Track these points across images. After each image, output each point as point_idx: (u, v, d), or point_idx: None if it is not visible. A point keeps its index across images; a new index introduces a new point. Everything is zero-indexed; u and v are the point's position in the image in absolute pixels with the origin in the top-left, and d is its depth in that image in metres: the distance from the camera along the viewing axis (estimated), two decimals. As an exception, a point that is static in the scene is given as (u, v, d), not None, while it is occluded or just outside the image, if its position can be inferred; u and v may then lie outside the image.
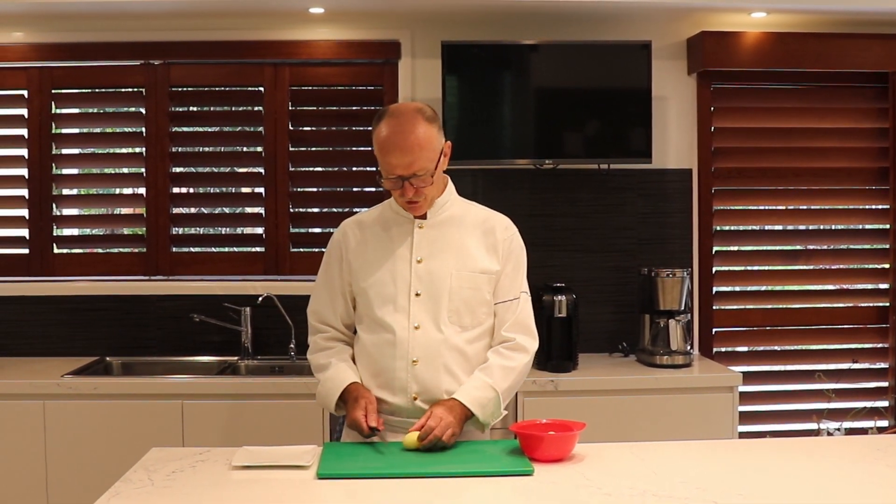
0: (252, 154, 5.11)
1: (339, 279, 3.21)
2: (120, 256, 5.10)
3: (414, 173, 2.99)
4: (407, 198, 3.04)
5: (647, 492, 2.50)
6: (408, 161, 2.98)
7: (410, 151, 2.97)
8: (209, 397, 4.29)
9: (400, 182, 3.01)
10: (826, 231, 5.28)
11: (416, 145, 2.98)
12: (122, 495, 2.49)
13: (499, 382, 3.07)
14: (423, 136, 3.00)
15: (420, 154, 2.98)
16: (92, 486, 2.93)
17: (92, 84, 5.04)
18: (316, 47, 4.97)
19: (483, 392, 3.03)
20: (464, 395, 3.01)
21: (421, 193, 3.05)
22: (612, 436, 3.68)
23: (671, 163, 5.05)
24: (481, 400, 3.02)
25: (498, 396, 3.06)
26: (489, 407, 3.03)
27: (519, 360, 3.15)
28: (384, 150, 3.00)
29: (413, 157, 2.98)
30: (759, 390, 5.17)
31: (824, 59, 4.96)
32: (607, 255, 5.05)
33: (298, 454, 2.84)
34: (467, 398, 3.00)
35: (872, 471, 2.72)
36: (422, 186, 3.03)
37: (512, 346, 3.15)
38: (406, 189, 3.01)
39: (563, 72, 4.82)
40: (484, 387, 3.04)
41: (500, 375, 3.08)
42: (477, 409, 3.00)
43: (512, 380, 3.12)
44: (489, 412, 3.04)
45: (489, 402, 3.03)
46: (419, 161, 2.98)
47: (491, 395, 3.04)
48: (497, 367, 3.09)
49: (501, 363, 3.11)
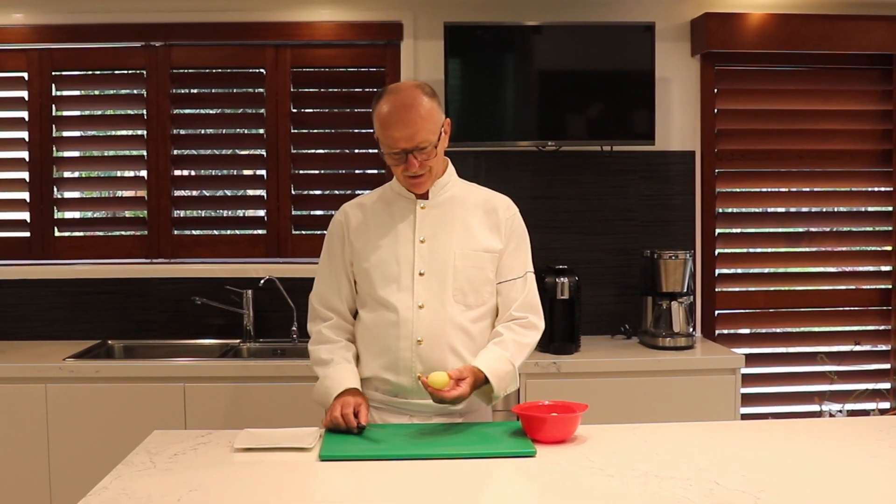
0: (254, 136, 5.10)
1: (342, 261, 3.20)
2: (121, 239, 5.10)
3: (417, 145, 2.99)
4: (412, 171, 3.03)
5: (649, 473, 2.50)
6: (411, 133, 2.98)
7: (413, 123, 2.98)
8: (211, 380, 4.28)
9: (404, 156, 3.01)
10: (829, 213, 5.26)
11: (419, 117, 2.98)
12: (124, 477, 2.49)
13: (514, 357, 3.07)
14: (425, 109, 3.00)
15: (423, 126, 2.99)
16: (94, 468, 2.92)
17: (92, 66, 5.03)
18: (318, 28, 4.95)
19: (502, 364, 3.02)
20: (485, 364, 2.99)
21: (425, 167, 3.04)
22: (614, 417, 3.68)
23: (674, 145, 5.04)
24: (499, 372, 3.01)
25: (514, 370, 3.06)
26: (506, 380, 3.03)
27: (531, 337, 3.16)
28: (386, 124, 3.00)
29: (416, 128, 2.98)
30: (762, 372, 5.16)
31: (828, 41, 4.94)
32: (610, 237, 5.04)
33: (300, 436, 2.84)
34: (488, 368, 2.98)
35: (874, 452, 2.72)
36: (425, 160, 3.03)
37: (524, 324, 3.15)
38: (410, 163, 3.01)
39: (566, 53, 4.80)
40: (502, 359, 3.04)
41: (515, 350, 3.09)
42: (495, 381, 2.98)
43: (524, 356, 3.12)
44: (504, 385, 3.02)
45: (506, 375, 3.03)
46: (422, 132, 2.98)
47: (508, 369, 3.04)
48: (511, 342, 3.09)
49: (515, 338, 3.11)
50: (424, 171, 3.06)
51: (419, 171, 3.04)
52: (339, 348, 3.18)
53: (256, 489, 2.43)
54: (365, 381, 3.16)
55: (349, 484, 2.54)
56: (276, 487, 2.44)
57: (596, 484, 2.44)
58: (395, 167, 3.07)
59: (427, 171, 3.07)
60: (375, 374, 3.13)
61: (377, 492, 2.46)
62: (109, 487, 2.40)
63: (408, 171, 3.03)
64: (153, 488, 2.40)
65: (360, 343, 3.21)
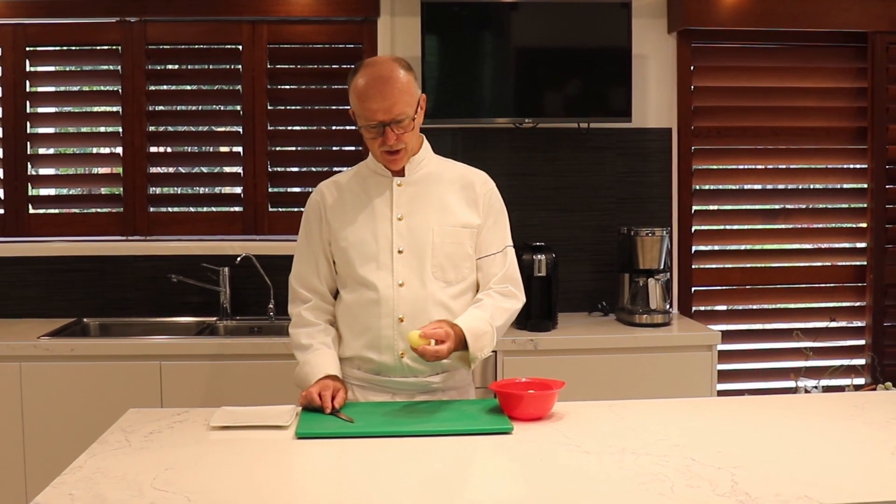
0: (230, 113, 5.07)
1: (320, 240, 3.19)
2: (97, 216, 5.06)
3: (394, 118, 2.98)
4: (388, 145, 3.02)
5: (625, 449, 2.51)
6: (388, 105, 2.97)
7: (390, 95, 2.97)
8: (187, 358, 4.27)
9: (381, 129, 3.00)
10: (805, 190, 5.28)
11: (396, 90, 2.98)
12: (98, 456, 2.48)
13: (494, 319, 3.07)
14: (402, 82, 3.00)
15: (400, 98, 2.98)
16: (69, 447, 2.91)
17: (67, 41, 4.98)
18: (294, 4, 4.91)
19: (480, 324, 3.02)
20: (464, 323, 2.99)
21: (402, 141, 3.03)
22: (591, 394, 3.69)
23: (651, 122, 5.04)
24: (477, 331, 3.00)
25: (493, 332, 3.05)
26: (483, 340, 3.01)
27: (511, 304, 3.17)
28: (363, 97, 2.99)
29: (393, 100, 2.97)
30: (738, 349, 5.19)
31: (804, 19, 4.95)
32: (587, 214, 5.05)
33: (277, 414, 2.84)
34: (467, 327, 2.97)
35: (849, 427, 2.74)
36: (402, 133, 3.02)
37: (504, 292, 3.16)
38: (388, 135, 3.00)
39: (543, 30, 4.79)
40: (482, 320, 3.03)
41: (494, 312, 3.09)
42: (472, 340, 2.97)
43: (503, 321, 3.12)
44: (480, 346, 3.01)
45: (483, 336, 3.02)
46: (399, 105, 2.98)
47: (486, 329, 3.03)
48: (492, 306, 3.09)
49: (496, 303, 3.11)
50: (401, 147, 3.05)
51: (396, 145, 3.03)
52: (318, 332, 3.17)
53: (232, 467, 2.43)
54: (347, 360, 3.16)
55: (326, 461, 2.54)
56: (253, 465, 2.44)
57: (572, 461, 2.44)
58: (372, 141, 3.06)
59: (403, 147, 3.06)
60: (357, 354, 3.13)
61: (354, 469, 2.46)
62: (84, 466, 2.39)
63: (385, 144, 3.02)
64: (128, 467, 2.39)
65: (341, 323, 3.20)
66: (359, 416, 2.84)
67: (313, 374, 3.05)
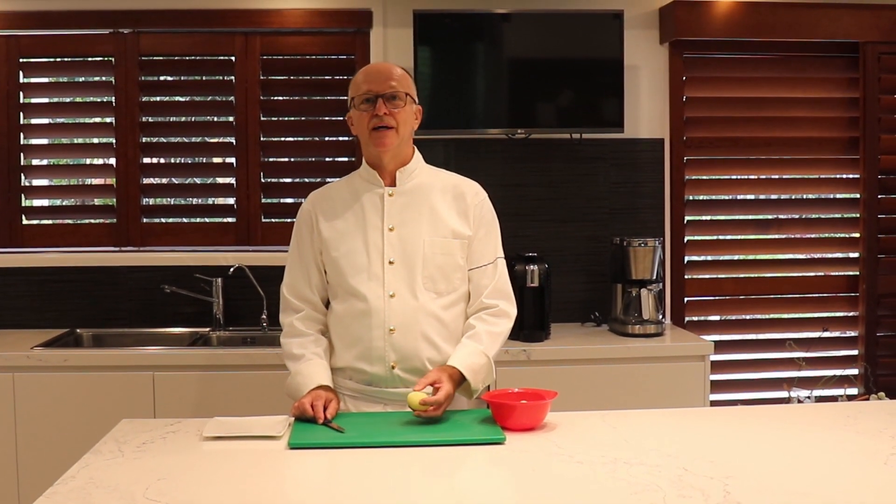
0: (223, 124, 5.08)
1: (311, 250, 3.19)
2: (90, 227, 5.06)
3: (389, 91, 3.05)
4: (380, 112, 3.04)
5: (618, 460, 2.51)
6: (383, 79, 3.07)
7: (388, 74, 3.08)
8: (180, 369, 4.26)
9: (374, 101, 3.04)
10: (797, 200, 5.29)
11: (395, 73, 3.10)
12: (91, 467, 2.47)
13: (489, 349, 3.08)
14: (401, 72, 3.13)
15: (398, 79, 3.09)
16: (62, 458, 2.91)
17: (60, 53, 4.99)
18: (287, 16, 4.93)
19: (477, 359, 3.03)
20: (459, 361, 3.00)
21: (392, 118, 3.05)
22: (584, 405, 3.69)
23: (643, 132, 5.05)
24: (474, 367, 3.02)
25: (490, 363, 3.07)
26: (481, 373, 3.04)
27: (503, 326, 3.17)
28: (364, 73, 3.12)
29: (390, 77, 3.08)
30: (731, 359, 5.20)
31: (796, 29, 4.97)
32: (579, 224, 5.05)
33: (270, 425, 2.84)
34: (463, 365, 2.99)
35: (842, 437, 2.74)
36: (393, 109, 3.05)
37: (495, 313, 3.16)
38: (378, 106, 3.04)
39: (535, 41, 4.80)
40: (477, 353, 3.05)
41: (489, 342, 3.10)
42: (470, 376, 2.99)
43: (498, 346, 3.14)
44: (480, 378, 3.04)
45: (481, 369, 3.04)
46: (394, 82, 3.07)
47: (483, 362, 3.05)
48: (485, 334, 3.10)
49: (488, 329, 3.12)
50: (391, 125, 3.06)
51: (387, 119, 3.04)
52: (310, 342, 3.17)
53: (225, 477, 2.42)
54: (339, 371, 3.16)
55: (318, 472, 2.54)
56: (245, 475, 2.43)
57: (565, 471, 2.44)
58: (363, 116, 3.08)
59: (393, 128, 3.07)
60: (349, 364, 3.13)
61: (346, 479, 2.46)
62: (77, 476, 2.39)
63: (375, 116, 3.04)
64: (121, 477, 2.39)
65: (332, 334, 3.20)
66: (351, 426, 2.84)
67: (305, 385, 3.04)
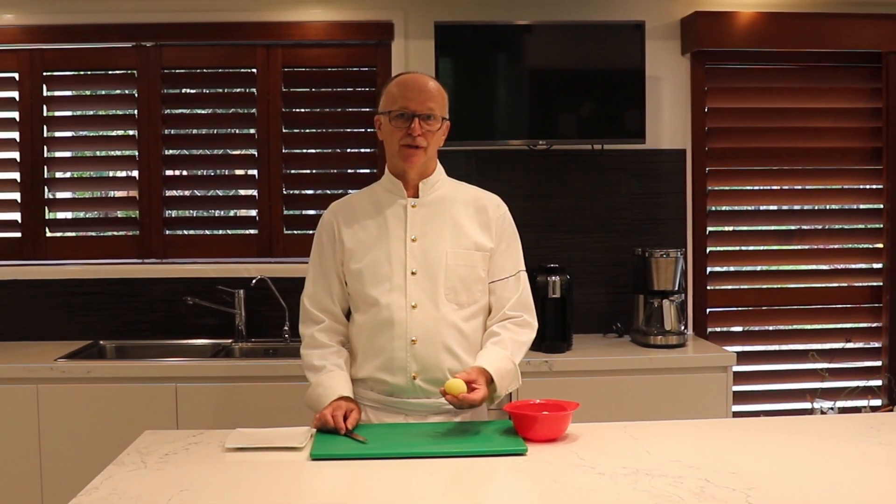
0: (245, 136, 5.09)
1: (333, 261, 3.20)
2: (113, 240, 5.09)
3: (426, 111, 3.07)
4: (412, 136, 3.06)
5: (640, 471, 2.50)
6: (424, 97, 3.07)
7: (428, 92, 3.10)
8: (203, 380, 4.28)
9: (410, 119, 3.05)
10: (820, 211, 5.27)
11: (435, 91, 3.11)
12: (114, 478, 2.49)
13: (514, 355, 3.09)
14: (439, 89, 3.14)
15: (436, 98, 3.10)
16: (85, 469, 2.92)
17: (84, 66, 5.02)
18: (308, 28, 4.95)
19: (504, 364, 3.04)
20: (490, 364, 3.00)
21: (425, 139, 3.07)
22: (605, 416, 3.69)
23: (665, 143, 5.05)
24: (502, 371, 3.02)
25: (516, 370, 3.08)
26: (507, 378, 3.04)
27: (527, 336, 3.18)
28: (404, 86, 3.10)
29: (430, 96, 3.09)
30: (753, 370, 5.17)
31: (818, 39, 4.96)
32: (601, 235, 5.05)
33: (292, 436, 2.84)
34: (493, 368, 2.99)
35: (866, 449, 2.73)
36: (428, 130, 3.07)
37: (519, 323, 3.17)
38: (415, 126, 3.05)
39: (556, 52, 4.80)
40: (504, 359, 3.05)
41: (514, 349, 3.11)
42: (498, 380, 2.99)
43: (522, 355, 3.14)
44: (506, 385, 3.04)
45: (507, 374, 3.04)
46: (433, 102, 3.09)
47: (510, 367, 3.06)
48: (510, 341, 3.11)
49: (513, 337, 3.13)
50: (422, 145, 3.08)
51: (418, 140, 3.06)
52: (331, 353, 3.17)
53: (247, 489, 2.43)
54: (361, 382, 3.17)
55: (340, 483, 2.54)
56: (267, 487, 2.44)
57: (587, 482, 2.44)
58: (394, 135, 3.09)
59: (423, 148, 3.09)
60: (371, 375, 3.13)
61: (368, 491, 2.46)
62: (100, 487, 2.40)
63: (409, 135, 3.06)
64: (144, 488, 2.40)
65: (354, 344, 3.21)
66: (372, 437, 2.84)
67: (326, 396, 3.05)
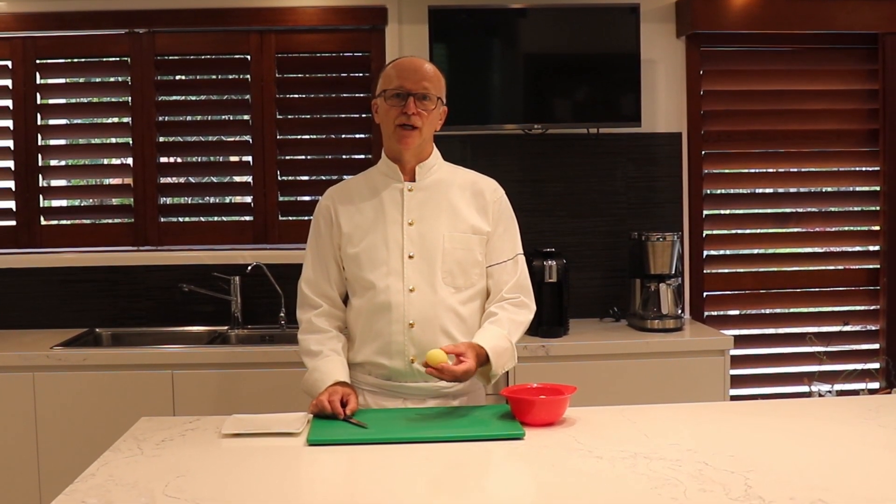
0: (239, 122, 5.08)
1: (330, 245, 3.18)
2: (108, 227, 5.08)
3: (422, 90, 3.06)
4: (407, 115, 3.05)
5: (637, 454, 2.50)
6: (419, 77, 3.07)
7: (424, 73, 3.09)
8: (199, 367, 4.28)
9: (405, 98, 3.04)
10: (817, 193, 5.26)
11: (431, 72, 3.11)
12: (111, 464, 2.48)
13: (511, 334, 3.08)
14: (436, 72, 3.13)
15: (431, 79, 3.09)
16: (82, 456, 2.92)
17: (77, 54, 5.00)
18: (302, 14, 4.93)
19: (501, 342, 3.03)
20: (486, 342, 2.99)
21: (421, 118, 3.06)
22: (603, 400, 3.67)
23: (661, 126, 5.04)
24: (498, 349, 3.00)
25: (512, 348, 3.07)
26: (504, 357, 3.03)
27: (525, 317, 3.17)
28: (400, 66, 3.11)
29: (425, 76, 3.08)
30: (751, 353, 5.17)
31: (814, 21, 4.94)
32: (597, 219, 5.04)
33: (288, 421, 2.84)
34: (489, 345, 2.98)
35: (863, 432, 2.73)
36: (422, 110, 3.06)
37: (517, 303, 3.16)
38: (409, 104, 3.04)
39: (551, 36, 4.79)
40: (501, 337, 3.04)
41: (512, 328, 3.09)
42: (494, 358, 2.98)
43: (519, 335, 3.13)
44: (502, 363, 3.02)
45: (504, 353, 3.03)
46: (429, 82, 3.08)
47: (506, 346, 3.04)
48: (507, 320, 3.10)
49: (511, 317, 3.11)
50: (417, 125, 3.07)
51: (414, 119, 3.05)
52: (328, 339, 3.17)
53: (244, 474, 2.42)
54: (358, 366, 3.16)
55: (337, 468, 2.53)
56: (264, 472, 2.43)
57: (584, 466, 2.43)
58: (389, 114, 3.08)
59: (418, 128, 3.07)
60: (369, 359, 3.13)
61: (365, 475, 2.46)
62: (97, 474, 2.39)
63: (403, 114, 3.05)
64: (140, 474, 2.39)
65: (352, 329, 3.20)
66: (370, 421, 2.84)
67: (322, 382, 3.04)
